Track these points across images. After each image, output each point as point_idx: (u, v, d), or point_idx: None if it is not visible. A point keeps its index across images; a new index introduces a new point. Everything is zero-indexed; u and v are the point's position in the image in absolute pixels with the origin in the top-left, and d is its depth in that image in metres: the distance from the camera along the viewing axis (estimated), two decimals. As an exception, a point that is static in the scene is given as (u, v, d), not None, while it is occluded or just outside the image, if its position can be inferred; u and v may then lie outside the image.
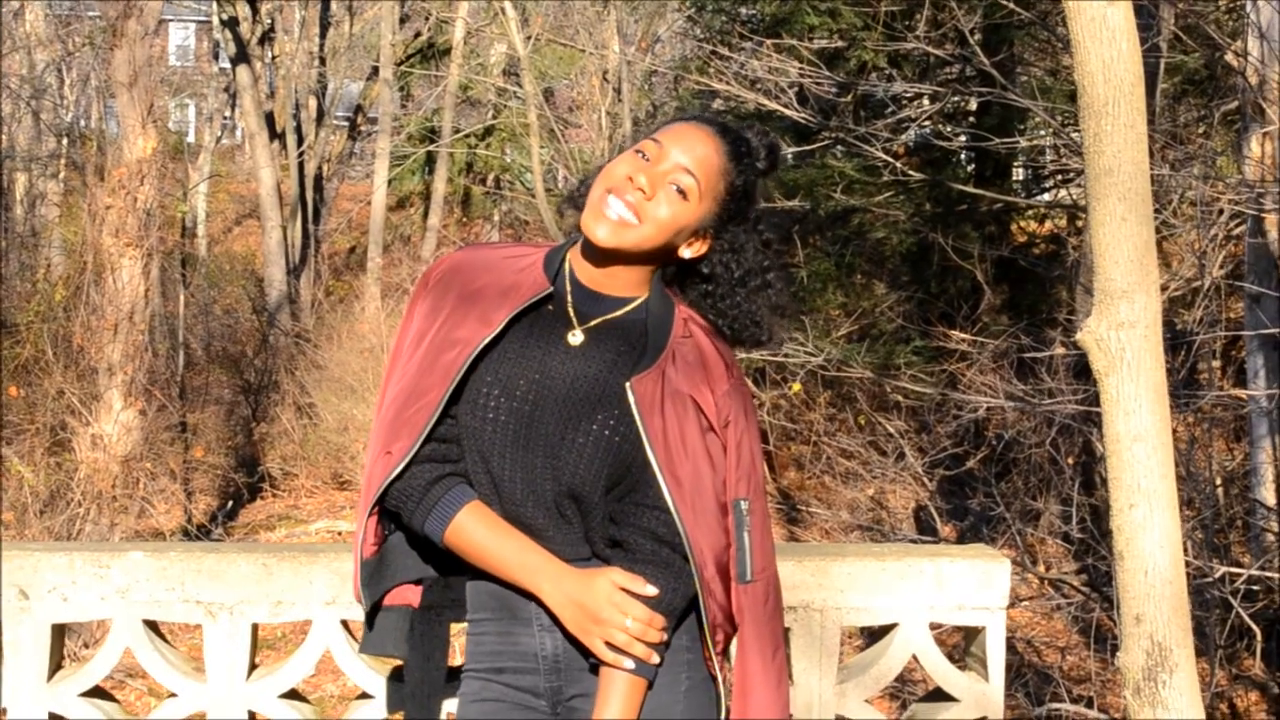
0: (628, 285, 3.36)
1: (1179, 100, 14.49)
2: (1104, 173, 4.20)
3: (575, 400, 3.24)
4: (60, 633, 4.62)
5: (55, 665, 4.59)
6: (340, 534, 16.99)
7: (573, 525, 3.26)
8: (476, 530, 3.23)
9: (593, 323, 3.33)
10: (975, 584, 4.66)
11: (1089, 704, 10.77)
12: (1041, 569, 13.13)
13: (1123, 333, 4.19)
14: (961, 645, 4.91)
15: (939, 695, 4.78)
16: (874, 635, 4.91)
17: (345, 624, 4.56)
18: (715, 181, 3.30)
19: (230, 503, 18.67)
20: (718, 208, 3.33)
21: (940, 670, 4.72)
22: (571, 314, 3.33)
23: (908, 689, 10.21)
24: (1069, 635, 13.00)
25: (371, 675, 4.54)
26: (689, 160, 3.27)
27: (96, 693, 4.63)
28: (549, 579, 3.20)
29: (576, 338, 3.30)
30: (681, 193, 3.27)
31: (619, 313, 3.35)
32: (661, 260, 3.37)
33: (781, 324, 3.52)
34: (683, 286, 3.45)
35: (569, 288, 3.36)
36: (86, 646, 10.94)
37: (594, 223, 3.25)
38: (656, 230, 3.26)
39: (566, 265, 3.39)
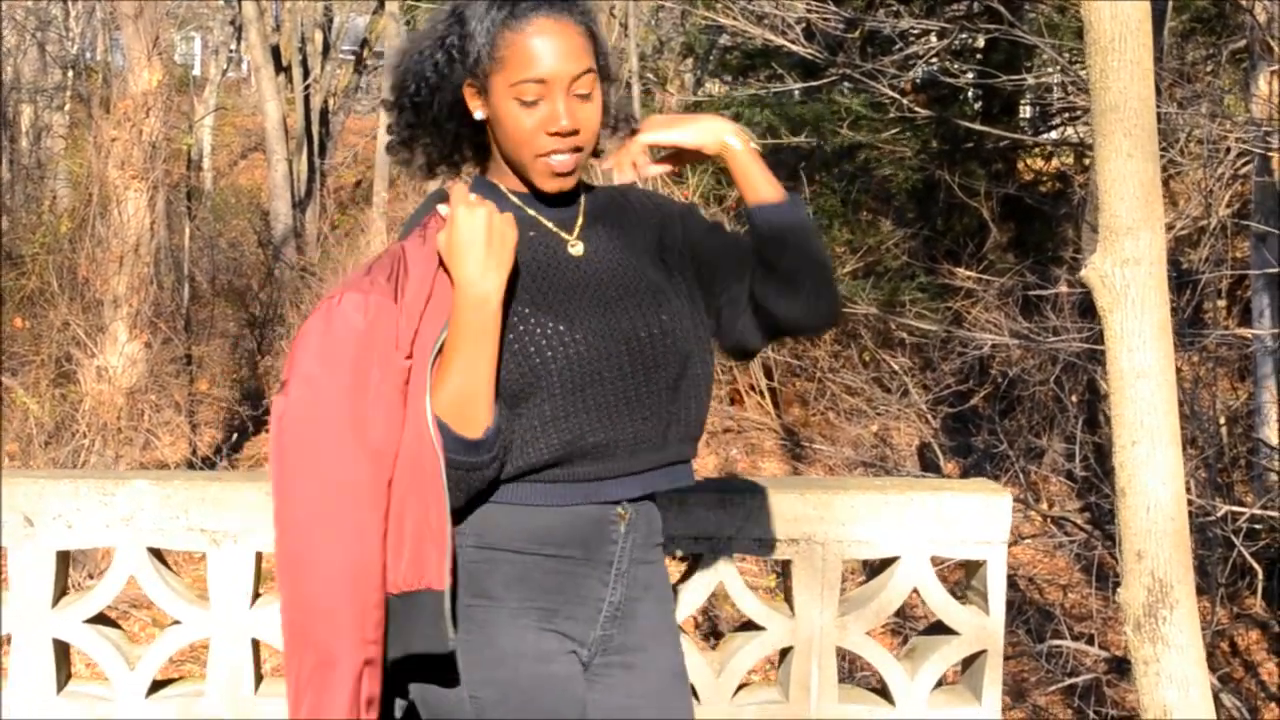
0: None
1: (1187, 38, 14.46)
2: (1109, 109, 4.19)
3: (636, 296, 3.16)
4: (65, 560, 4.64)
5: (60, 592, 4.62)
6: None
7: (668, 429, 3.18)
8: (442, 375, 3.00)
9: (576, 229, 3.24)
10: (977, 518, 4.67)
11: (1090, 641, 10.84)
12: (1045, 507, 13.16)
13: (1127, 269, 4.19)
14: (963, 582, 4.93)
15: (939, 629, 4.80)
16: (874, 570, 4.93)
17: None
18: (590, 50, 3.14)
19: (235, 435, 18.67)
20: (602, 60, 3.19)
21: (941, 603, 4.73)
22: (554, 229, 3.23)
23: (909, 624, 10.26)
24: (1071, 573, 13.05)
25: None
26: (569, 66, 3.08)
27: (100, 619, 4.65)
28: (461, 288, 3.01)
29: (577, 248, 3.21)
30: (587, 95, 3.12)
31: (580, 204, 3.28)
32: None
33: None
34: None
35: (530, 209, 3.23)
36: (91, 578, 10.97)
37: (551, 182, 3.15)
38: (596, 137, 3.20)
39: (504, 191, 3.24)
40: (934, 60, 16.23)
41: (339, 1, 31.81)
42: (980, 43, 17.50)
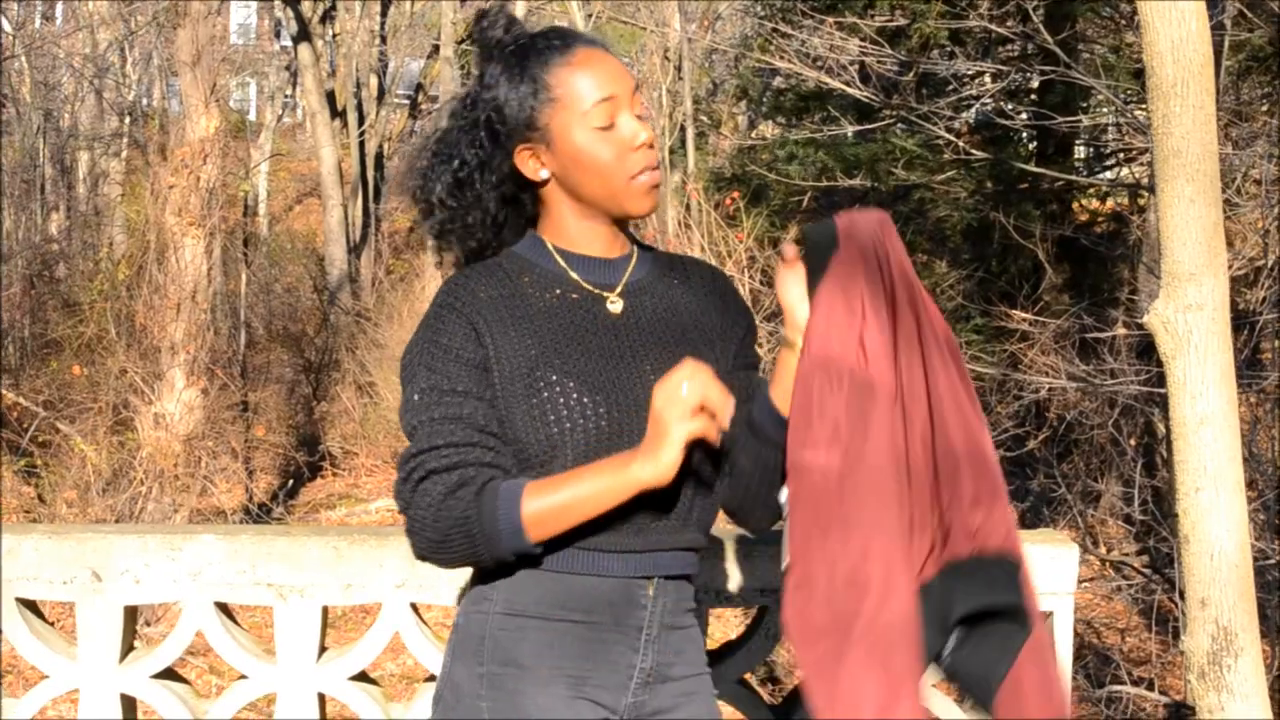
0: (621, 239, 3.21)
1: (1242, 78, 14.37)
2: (1172, 154, 4.19)
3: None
4: (132, 615, 4.65)
5: (127, 647, 4.63)
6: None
7: (689, 513, 3.09)
8: (552, 495, 2.91)
9: (619, 288, 3.13)
10: (1044, 569, 4.62)
11: (1149, 686, 10.75)
12: (1103, 551, 13.09)
13: (1190, 315, 4.20)
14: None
15: (1005, 679, 4.77)
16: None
17: (415, 607, 4.58)
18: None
19: (291, 481, 18.73)
20: None
21: (1007, 653, 4.70)
22: (594, 290, 3.11)
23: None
24: (1129, 617, 12.96)
25: (440, 657, 4.55)
26: (627, 80, 3.06)
27: (168, 674, 4.66)
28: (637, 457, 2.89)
29: (616, 305, 3.09)
30: (643, 116, 3.08)
31: (630, 265, 3.18)
32: None
33: None
34: None
35: (573, 271, 3.12)
36: (148, 624, 10.98)
37: (647, 199, 3.06)
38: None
39: (550, 250, 3.15)
40: (988, 101, 16.22)
41: (393, 47, 31.95)
42: (1035, 84, 17.46)
